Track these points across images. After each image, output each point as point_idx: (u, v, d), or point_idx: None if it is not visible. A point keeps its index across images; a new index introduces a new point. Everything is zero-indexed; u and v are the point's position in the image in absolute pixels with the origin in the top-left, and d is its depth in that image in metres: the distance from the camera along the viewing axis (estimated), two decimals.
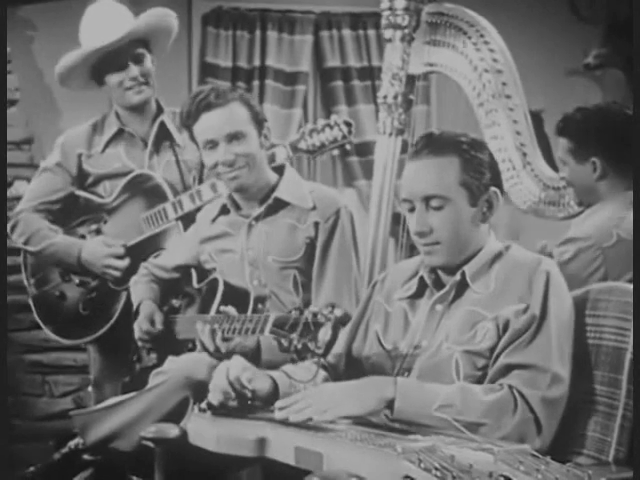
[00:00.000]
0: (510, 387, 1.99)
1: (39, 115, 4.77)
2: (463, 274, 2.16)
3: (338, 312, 2.06)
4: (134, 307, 3.07)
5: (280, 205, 2.87)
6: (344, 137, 3.21)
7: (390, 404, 1.99)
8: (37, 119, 4.75)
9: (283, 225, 2.87)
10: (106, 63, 3.39)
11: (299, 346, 2.04)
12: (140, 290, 3.12)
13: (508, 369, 2.03)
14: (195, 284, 3.00)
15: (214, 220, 2.98)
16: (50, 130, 4.65)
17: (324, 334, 2.02)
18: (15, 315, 4.21)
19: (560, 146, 2.91)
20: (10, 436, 3.03)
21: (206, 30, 5.10)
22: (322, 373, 2.25)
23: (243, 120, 2.82)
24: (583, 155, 2.85)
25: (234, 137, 2.80)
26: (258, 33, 5.13)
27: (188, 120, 2.84)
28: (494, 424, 1.96)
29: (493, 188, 2.17)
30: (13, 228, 3.52)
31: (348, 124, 3.22)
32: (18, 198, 3.73)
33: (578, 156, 2.87)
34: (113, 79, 3.39)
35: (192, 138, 2.88)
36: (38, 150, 4.69)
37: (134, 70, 3.37)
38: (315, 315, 2.04)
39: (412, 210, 2.17)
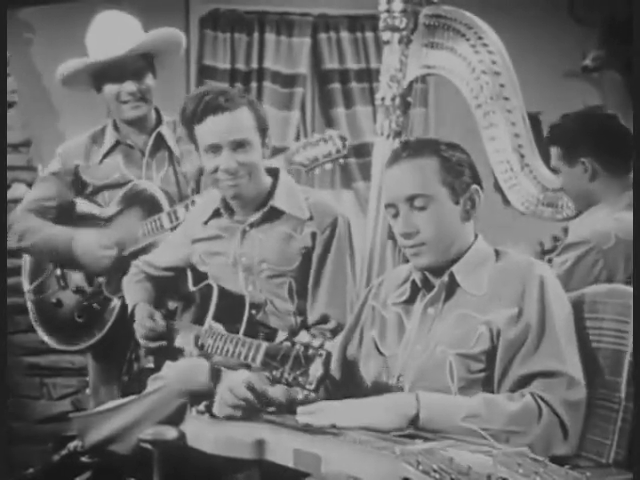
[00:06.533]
0: (531, 394, 1.99)
1: (37, 117, 4.76)
2: (451, 274, 2.16)
3: (329, 346, 2.05)
4: (129, 309, 3.03)
5: (276, 214, 2.82)
6: (338, 151, 3.20)
7: (414, 419, 1.97)
8: (35, 121, 4.74)
9: (278, 234, 2.82)
10: (106, 72, 3.35)
11: (290, 379, 2.02)
12: (133, 291, 3.07)
13: (524, 380, 2.02)
14: (191, 286, 2.97)
15: (206, 222, 2.93)
16: (48, 132, 4.66)
17: (315, 370, 2.00)
18: (13, 317, 4.20)
19: (553, 155, 2.95)
20: (8, 438, 3.02)
21: (204, 32, 5.09)
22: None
23: (249, 127, 2.73)
24: (573, 158, 2.90)
25: (239, 145, 2.71)
26: (256, 35, 5.12)
27: (192, 119, 2.74)
28: (521, 431, 1.95)
29: (474, 186, 2.18)
30: (8, 231, 3.50)
31: (342, 138, 3.21)
32: (16, 200, 3.73)
33: (568, 160, 2.91)
34: (110, 90, 3.36)
35: (191, 137, 2.78)
36: (36, 152, 4.68)
37: (132, 85, 3.33)
38: (307, 348, 2.02)
39: (396, 215, 2.17)
